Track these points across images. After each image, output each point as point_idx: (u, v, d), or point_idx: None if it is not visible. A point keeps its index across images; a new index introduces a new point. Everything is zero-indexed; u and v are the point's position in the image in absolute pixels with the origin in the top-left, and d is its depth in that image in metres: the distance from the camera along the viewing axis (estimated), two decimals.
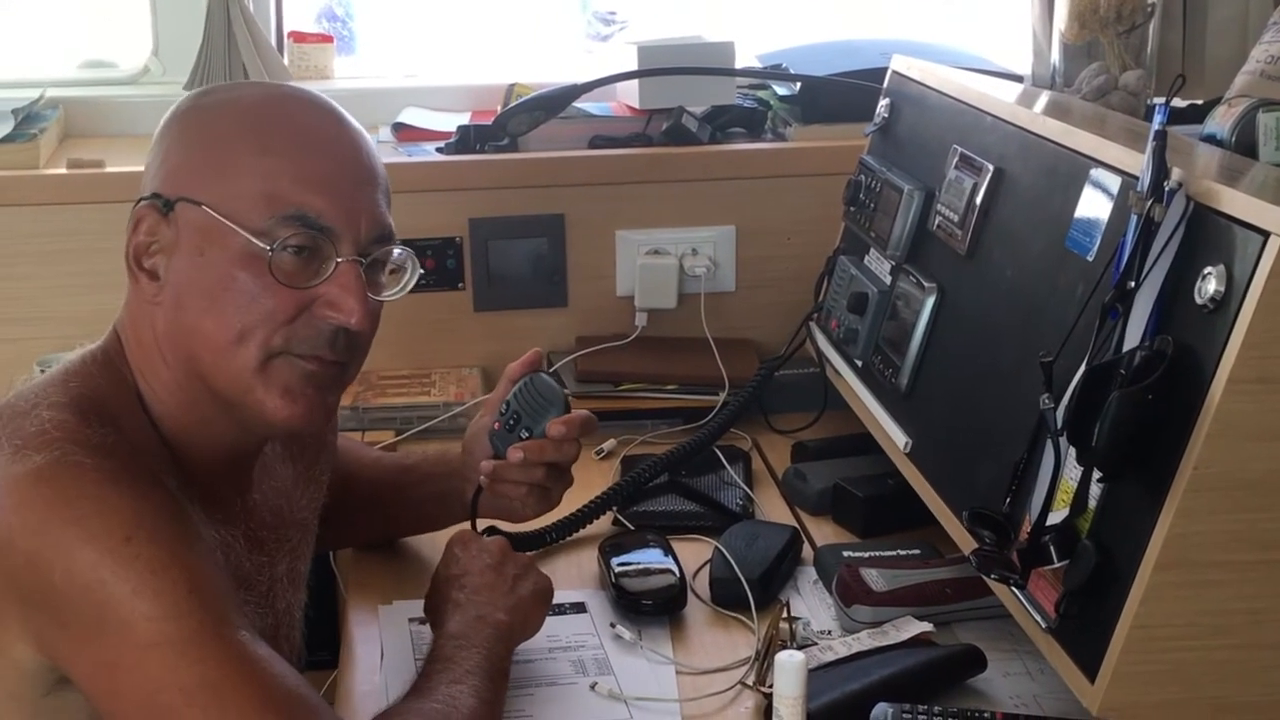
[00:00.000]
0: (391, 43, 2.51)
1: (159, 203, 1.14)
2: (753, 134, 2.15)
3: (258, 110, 1.18)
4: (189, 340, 1.16)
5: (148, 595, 1.02)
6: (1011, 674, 1.33)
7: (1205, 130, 1.61)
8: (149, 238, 1.15)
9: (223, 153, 1.15)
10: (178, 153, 1.17)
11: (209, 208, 1.13)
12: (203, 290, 1.15)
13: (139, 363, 1.18)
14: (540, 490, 1.45)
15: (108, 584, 1.01)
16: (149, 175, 1.18)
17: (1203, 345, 1.03)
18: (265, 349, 1.15)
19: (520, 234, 2.02)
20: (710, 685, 1.32)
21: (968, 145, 1.50)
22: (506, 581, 1.32)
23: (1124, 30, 1.90)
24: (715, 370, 1.93)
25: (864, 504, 1.62)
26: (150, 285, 1.15)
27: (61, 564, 1.02)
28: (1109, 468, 1.08)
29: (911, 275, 1.57)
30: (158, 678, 1.02)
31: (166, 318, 1.16)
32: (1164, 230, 1.08)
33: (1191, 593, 1.05)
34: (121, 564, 1.02)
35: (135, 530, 1.03)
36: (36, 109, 2.09)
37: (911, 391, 1.53)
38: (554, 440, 1.41)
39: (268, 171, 1.14)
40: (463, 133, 2.05)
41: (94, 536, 1.02)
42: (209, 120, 1.18)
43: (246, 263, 1.14)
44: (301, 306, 1.15)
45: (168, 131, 1.19)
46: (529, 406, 1.43)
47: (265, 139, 1.16)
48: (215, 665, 1.04)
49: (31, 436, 1.05)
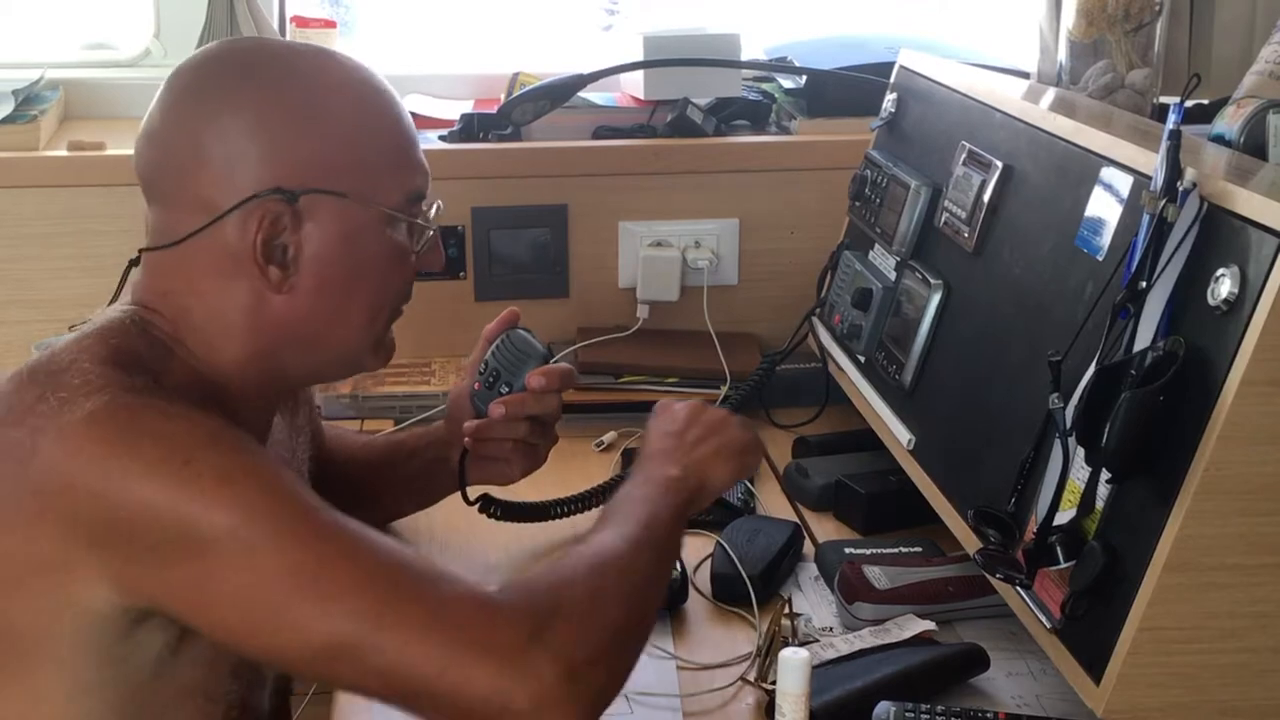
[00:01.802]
0: (395, 29, 2.50)
1: (284, 196, 1.14)
2: (757, 127, 2.14)
3: (351, 90, 1.19)
4: (322, 321, 1.19)
5: (221, 507, 1.01)
6: (1014, 674, 1.32)
7: (1214, 130, 1.61)
8: (274, 230, 1.14)
9: (343, 139, 1.17)
10: (291, 144, 1.15)
11: (350, 196, 1.16)
12: (346, 274, 1.18)
13: (190, 337, 1.17)
14: (526, 447, 1.45)
15: (180, 506, 1.01)
16: (249, 167, 1.14)
17: (1215, 347, 1.02)
18: (390, 320, 1.24)
19: (523, 224, 2.01)
20: (711, 681, 1.32)
21: (976, 141, 1.50)
22: (685, 445, 1.30)
23: (1131, 28, 1.89)
24: (717, 363, 1.93)
25: (866, 500, 1.61)
26: (277, 274, 1.15)
27: (129, 498, 1.01)
28: (1118, 469, 1.07)
29: (917, 271, 1.56)
30: (253, 579, 1.01)
31: (292, 304, 1.17)
32: (1177, 230, 1.07)
33: (1199, 595, 1.04)
34: (188, 484, 1.02)
35: (194, 451, 1.03)
36: (37, 90, 2.07)
37: (915, 388, 1.53)
38: (534, 392, 1.42)
39: (386, 151, 1.19)
40: (466, 121, 2.04)
41: (155, 465, 1.02)
42: (305, 103, 1.16)
43: (390, 244, 1.20)
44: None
45: (257, 120, 1.14)
46: (507, 362, 1.44)
47: (371, 119, 1.19)
48: (309, 549, 1.02)
49: (76, 387, 1.05)
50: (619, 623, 1.06)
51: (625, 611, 1.08)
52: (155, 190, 1.19)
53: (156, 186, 1.18)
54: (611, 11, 2.55)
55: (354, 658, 1.01)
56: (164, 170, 1.17)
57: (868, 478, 1.64)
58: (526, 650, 1.00)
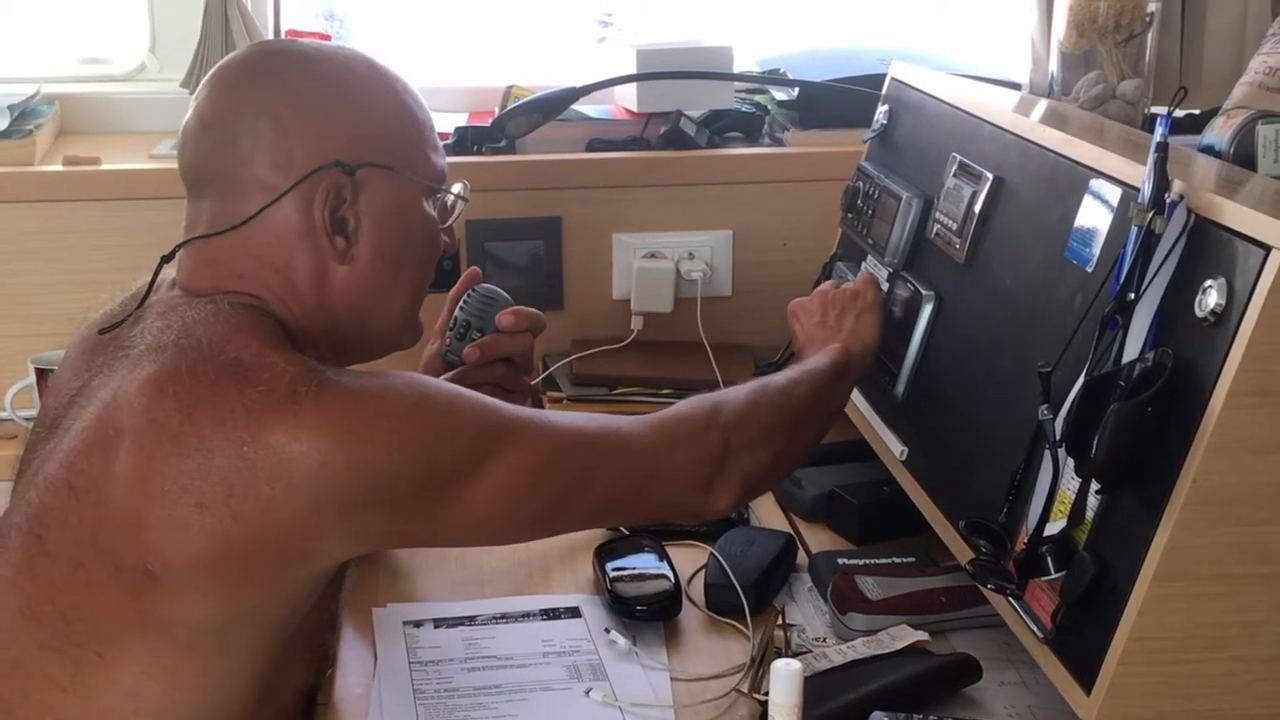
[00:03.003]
0: (388, 42, 2.51)
1: (344, 169, 1.22)
2: (750, 139, 2.14)
3: (382, 76, 1.28)
4: (378, 292, 1.27)
5: (450, 434, 1.15)
6: (1007, 684, 1.32)
7: (1204, 141, 1.61)
8: (338, 201, 1.22)
9: (385, 117, 1.26)
10: (343, 121, 1.23)
11: (399, 170, 1.25)
12: (398, 245, 1.27)
13: (286, 312, 1.23)
14: (503, 393, 1.46)
15: (423, 449, 1.13)
16: (307, 146, 1.21)
17: (1203, 358, 1.03)
18: (427, 289, 1.33)
19: (517, 236, 2.02)
20: (705, 692, 1.32)
21: (967, 153, 1.50)
22: (831, 326, 1.49)
23: (1122, 39, 1.90)
24: (711, 374, 1.93)
25: (860, 511, 1.61)
26: (342, 244, 1.24)
27: (374, 456, 1.10)
28: (1108, 479, 1.08)
29: (909, 283, 1.57)
30: (500, 484, 1.16)
31: (354, 274, 1.25)
32: (1164, 242, 1.08)
33: (1189, 605, 1.05)
34: (421, 424, 1.14)
35: (410, 397, 1.15)
36: (33, 105, 2.08)
37: (908, 399, 1.53)
38: (507, 332, 1.48)
39: (420, 130, 1.29)
40: (460, 134, 2.04)
41: (383, 420, 1.12)
42: (349, 87, 1.25)
43: (428, 218, 1.30)
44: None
45: (308, 103, 1.23)
46: (476, 312, 1.49)
47: (404, 101, 1.28)
48: (530, 447, 1.18)
49: (273, 380, 1.11)
50: (770, 425, 1.32)
51: (786, 420, 1.34)
52: (209, 182, 1.24)
53: (211, 178, 1.24)
54: (605, 24, 2.56)
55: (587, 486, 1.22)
56: (220, 161, 1.23)
57: (861, 488, 1.64)
58: (704, 431, 1.28)
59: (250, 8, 2.14)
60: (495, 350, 1.48)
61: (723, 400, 1.32)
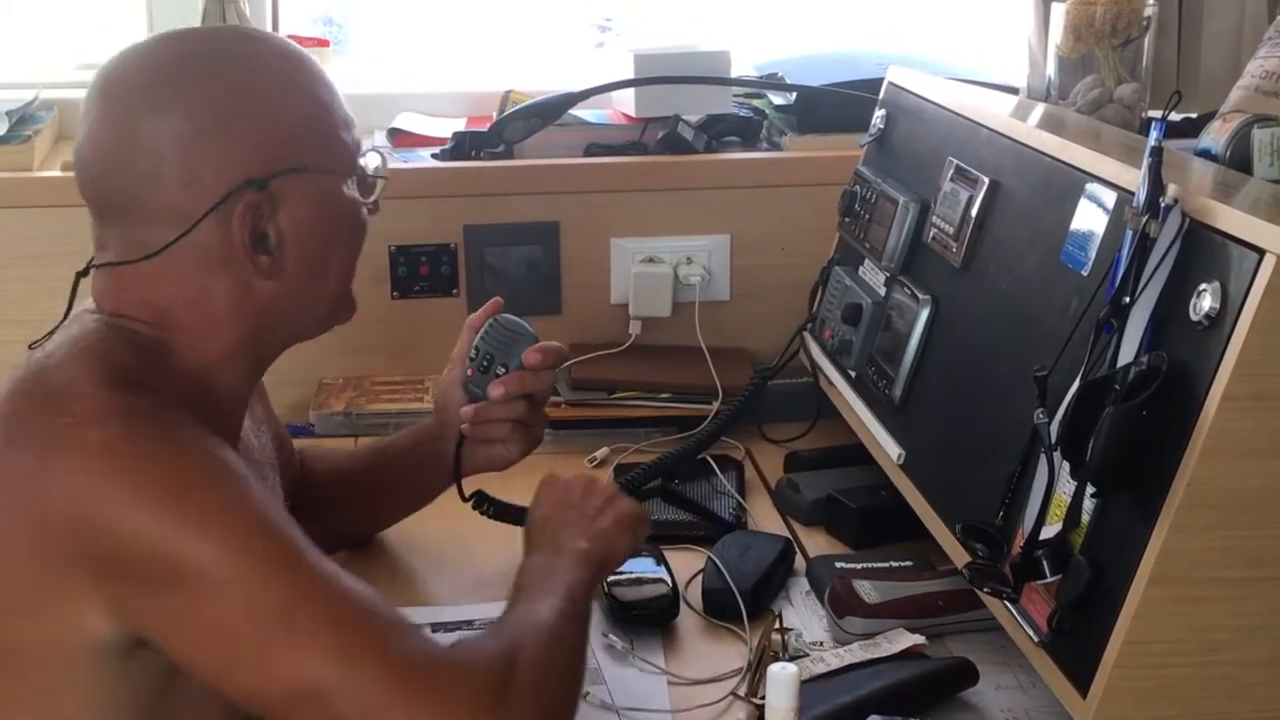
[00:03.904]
0: (387, 47, 2.51)
1: (254, 186, 1.16)
2: (748, 143, 2.14)
3: (279, 66, 1.21)
4: (306, 292, 1.22)
5: (215, 537, 1.04)
6: (1003, 687, 1.33)
7: (1200, 145, 1.62)
8: (256, 221, 1.17)
9: (289, 116, 1.19)
10: (247, 134, 1.16)
11: (313, 169, 1.19)
12: (324, 241, 1.22)
13: (177, 339, 1.18)
14: (524, 428, 1.48)
15: (174, 536, 1.03)
16: (213, 167, 1.15)
17: (1197, 362, 1.03)
18: (355, 266, 1.28)
19: (515, 241, 2.02)
20: (702, 696, 1.32)
21: (963, 158, 1.51)
22: (588, 516, 1.34)
23: (1119, 43, 1.90)
24: (709, 379, 1.93)
25: (857, 515, 1.62)
26: (267, 262, 1.18)
27: (131, 528, 1.03)
28: (1103, 483, 1.08)
29: (906, 287, 1.57)
30: (234, 613, 1.04)
31: (280, 285, 1.20)
32: (1159, 246, 1.08)
33: (1184, 609, 1.05)
34: (186, 513, 1.04)
35: (192, 483, 1.05)
36: (32, 110, 2.08)
37: (905, 403, 1.53)
38: (533, 369, 1.45)
39: (325, 116, 1.22)
40: (458, 139, 2.05)
41: (157, 495, 1.04)
42: (246, 91, 1.18)
43: (350, 202, 1.24)
44: None
45: (207, 119, 1.15)
46: (500, 345, 1.46)
47: (305, 90, 1.21)
48: (290, 590, 1.05)
49: (81, 413, 1.06)
50: (560, 691, 1.14)
51: (568, 681, 1.15)
52: (114, 210, 1.18)
53: (115, 205, 1.18)
54: (604, 29, 2.56)
55: (318, 703, 1.04)
56: (121, 187, 1.16)
57: (859, 492, 1.64)
58: (489, 710, 1.05)
59: (249, 13, 2.15)
60: (520, 389, 1.45)
61: (507, 672, 1.08)
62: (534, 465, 1.80)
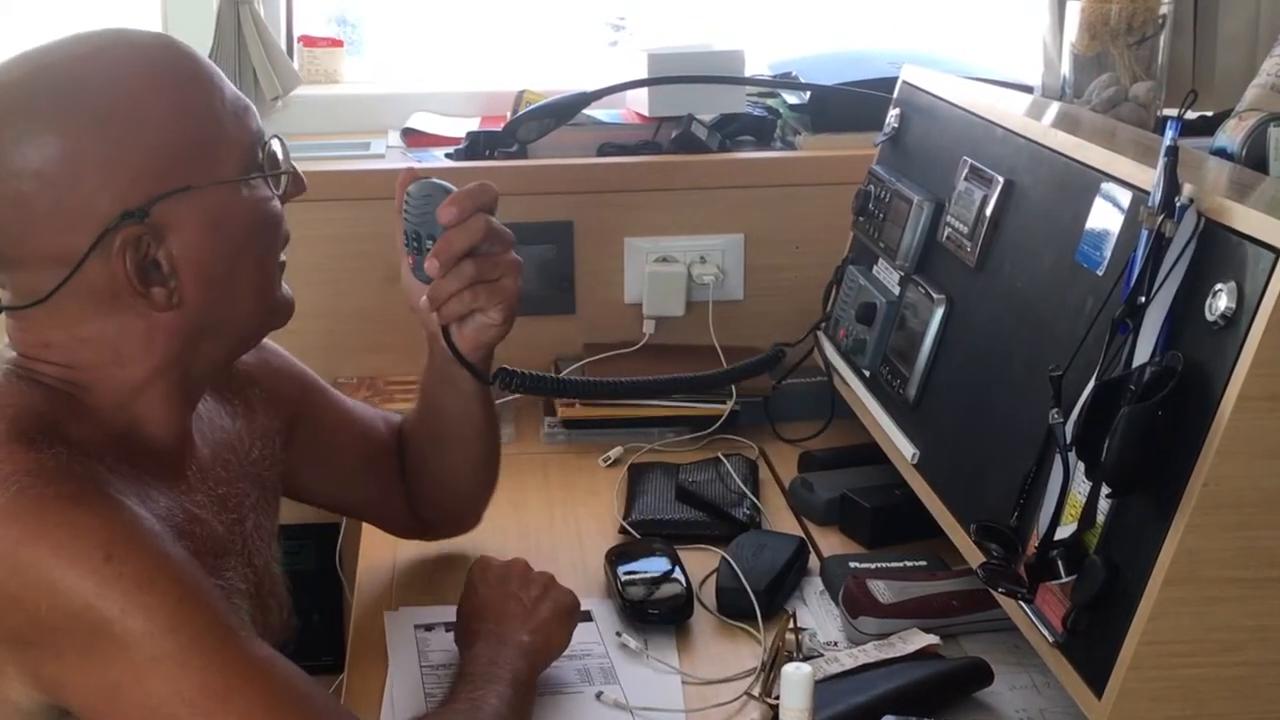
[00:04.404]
0: (401, 47, 2.52)
1: (133, 218, 1.08)
2: (762, 142, 2.15)
3: (146, 76, 1.11)
4: (217, 311, 1.15)
5: (139, 612, 0.99)
6: (1018, 687, 1.32)
7: (1215, 144, 1.61)
8: (139, 254, 1.09)
9: (162, 133, 1.09)
10: (117, 163, 1.08)
11: (195, 185, 1.10)
12: (227, 257, 1.14)
13: (85, 377, 1.13)
14: (490, 287, 1.33)
15: (96, 607, 0.99)
16: (86, 204, 1.07)
17: (1213, 362, 1.03)
18: (280, 274, 1.22)
19: (529, 241, 2.00)
20: (716, 696, 1.32)
21: (978, 157, 1.50)
22: (526, 605, 1.33)
23: (1134, 41, 1.90)
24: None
25: (871, 515, 1.62)
26: (161, 293, 1.11)
27: (46, 597, 0.99)
28: (1118, 483, 1.08)
29: (920, 286, 1.57)
30: (159, 692, 1.00)
31: (183, 313, 1.13)
32: (1175, 246, 1.08)
33: (1200, 609, 1.04)
34: (106, 584, 0.99)
35: (113, 549, 1.00)
36: None
37: (919, 402, 1.53)
38: (454, 229, 1.30)
39: (206, 121, 1.12)
40: (472, 139, 2.05)
41: (73, 562, 0.99)
42: (110, 114, 1.08)
43: (253, 205, 1.16)
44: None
45: (72, 154, 1.06)
46: (420, 218, 1.34)
47: (178, 98, 1.11)
48: (217, 672, 1.01)
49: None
50: None
51: None
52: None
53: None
54: (617, 27, 2.56)
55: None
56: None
57: (873, 491, 1.64)
58: None
59: (263, 14, 2.16)
60: (451, 252, 1.30)
61: None
62: (549, 464, 1.82)
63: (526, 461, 1.81)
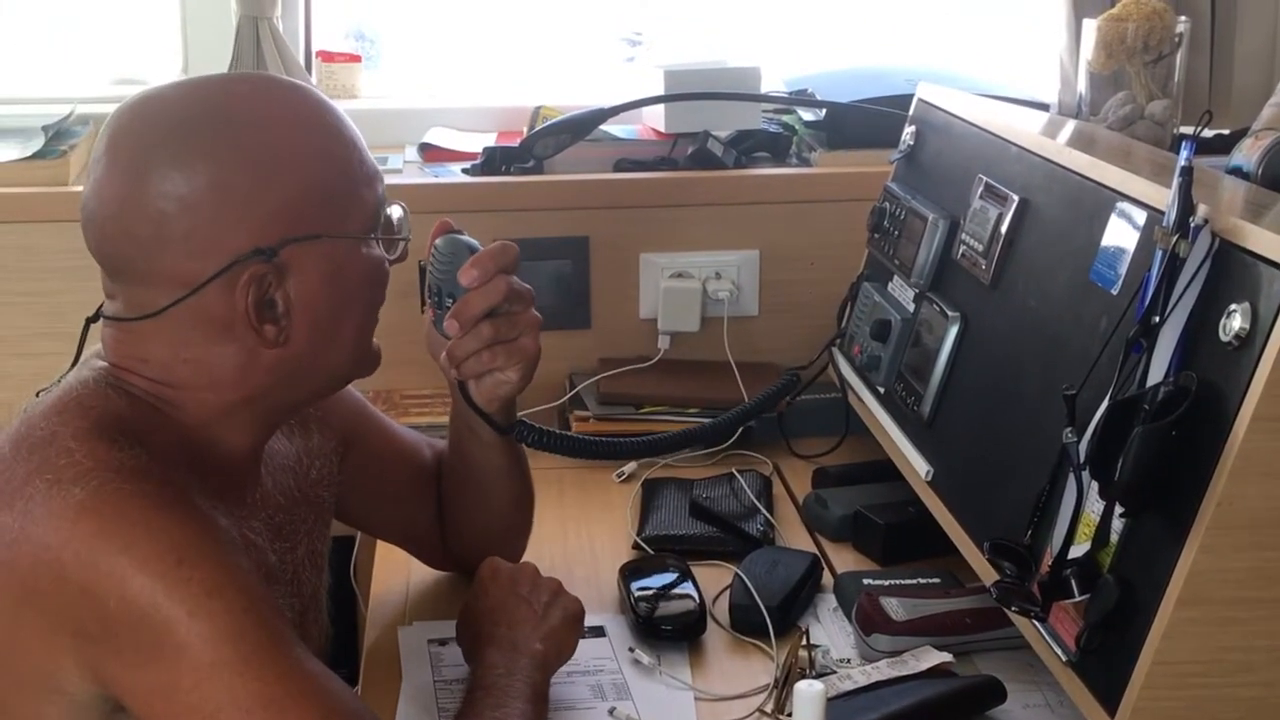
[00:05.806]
0: (418, 62, 2.53)
1: (262, 256, 1.12)
2: (777, 159, 2.15)
3: (295, 123, 1.16)
4: (312, 358, 1.19)
5: (204, 616, 1.02)
6: (1031, 705, 1.32)
7: (1231, 162, 1.61)
8: (261, 291, 1.13)
9: (303, 180, 1.15)
10: (258, 201, 1.12)
11: (324, 235, 1.15)
12: (336, 307, 1.18)
13: (175, 395, 1.16)
14: (505, 347, 1.34)
15: (163, 608, 1.01)
16: (220, 234, 1.11)
17: (1227, 382, 1.03)
18: (373, 330, 1.25)
19: (545, 256, 2.03)
20: (729, 712, 1.32)
21: (993, 175, 1.51)
22: (537, 611, 1.32)
23: (1151, 60, 1.90)
24: (737, 394, 1.93)
25: (885, 532, 1.62)
26: (272, 331, 1.15)
27: (116, 593, 1.01)
28: (1131, 503, 1.08)
29: (935, 304, 1.57)
30: (216, 698, 1.03)
31: (286, 353, 1.16)
32: (1189, 266, 1.08)
33: (1213, 629, 1.04)
34: (176, 587, 1.02)
35: (185, 553, 1.03)
36: (67, 125, 2.10)
37: (934, 420, 1.53)
38: (474, 291, 1.32)
39: (344, 176, 1.18)
40: (489, 154, 2.06)
41: (146, 562, 1.02)
42: (258, 154, 1.13)
43: (369, 263, 1.20)
44: None
45: (216, 184, 1.11)
46: (444, 274, 1.35)
47: (322, 149, 1.17)
48: (274, 682, 1.04)
49: (64, 469, 1.05)
50: None
51: None
52: (120, 269, 1.15)
53: (120, 266, 1.15)
54: (634, 43, 2.57)
55: None
56: (128, 251, 1.13)
57: (887, 509, 1.64)
58: None
59: (282, 29, 2.17)
60: (470, 313, 1.32)
61: None
62: (563, 479, 1.82)
63: (540, 476, 1.80)
